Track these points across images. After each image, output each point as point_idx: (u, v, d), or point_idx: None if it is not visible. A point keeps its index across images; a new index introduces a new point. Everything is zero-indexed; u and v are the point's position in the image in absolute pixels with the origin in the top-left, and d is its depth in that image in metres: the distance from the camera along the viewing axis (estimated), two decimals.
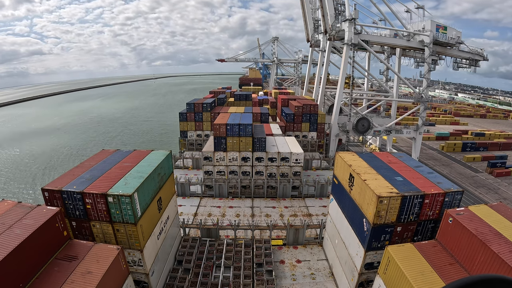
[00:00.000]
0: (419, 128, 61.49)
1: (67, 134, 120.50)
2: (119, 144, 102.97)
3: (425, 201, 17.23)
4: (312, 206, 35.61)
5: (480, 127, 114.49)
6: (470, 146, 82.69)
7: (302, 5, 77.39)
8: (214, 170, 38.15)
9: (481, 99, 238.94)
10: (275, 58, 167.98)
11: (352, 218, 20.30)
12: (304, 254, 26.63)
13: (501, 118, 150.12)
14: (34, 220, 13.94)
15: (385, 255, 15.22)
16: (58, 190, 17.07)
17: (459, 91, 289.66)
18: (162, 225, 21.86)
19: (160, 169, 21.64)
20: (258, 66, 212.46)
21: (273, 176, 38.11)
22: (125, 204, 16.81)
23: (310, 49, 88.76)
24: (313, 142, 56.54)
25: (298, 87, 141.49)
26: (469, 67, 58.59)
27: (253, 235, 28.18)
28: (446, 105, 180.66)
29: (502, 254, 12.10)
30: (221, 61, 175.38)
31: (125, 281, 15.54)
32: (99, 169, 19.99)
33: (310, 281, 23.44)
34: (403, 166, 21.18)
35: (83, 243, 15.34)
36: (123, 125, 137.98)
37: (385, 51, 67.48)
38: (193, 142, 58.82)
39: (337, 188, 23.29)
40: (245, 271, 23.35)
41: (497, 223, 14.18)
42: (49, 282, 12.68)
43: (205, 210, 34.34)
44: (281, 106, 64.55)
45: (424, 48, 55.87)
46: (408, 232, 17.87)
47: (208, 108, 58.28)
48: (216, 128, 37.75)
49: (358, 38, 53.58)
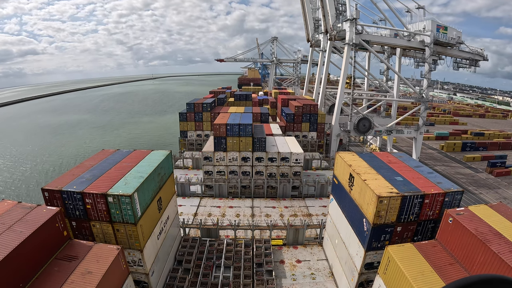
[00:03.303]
0: (420, 128, 61.50)
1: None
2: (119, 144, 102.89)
3: (425, 201, 17.24)
4: (312, 206, 35.60)
5: (479, 127, 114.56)
6: (469, 146, 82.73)
7: (303, 5, 77.33)
8: (214, 170, 38.14)
9: (479, 98, 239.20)
10: (274, 58, 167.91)
11: (352, 218, 20.30)
12: (304, 254, 26.63)
13: (500, 118, 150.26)
14: (34, 220, 13.93)
15: (385, 255, 15.22)
16: (58, 190, 17.07)
17: (458, 91, 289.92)
18: (162, 225, 21.85)
19: (160, 169, 21.63)
20: (257, 66, 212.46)
21: (273, 176, 38.10)
22: (125, 204, 16.81)
23: (310, 49, 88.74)
24: (313, 142, 56.56)
25: (297, 87, 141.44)
26: (469, 67, 58.62)
27: (253, 235, 28.19)
28: (445, 105, 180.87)
29: (502, 254, 12.10)
30: (220, 61, 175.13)
31: (125, 281, 15.52)
32: (99, 169, 19.98)
33: (310, 281, 23.44)
34: (403, 166, 21.18)
35: (83, 243, 15.32)
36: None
37: (385, 51, 67.51)
38: (193, 142, 58.81)
39: (337, 188, 23.29)
40: (245, 271, 23.36)
41: (497, 223, 14.17)
42: (49, 282, 12.67)
43: (205, 210, 34.32)
44: (281, 106, 64.57)
45: (425, 48, 55.88)
46: (408, 232, 17.88)
47: (208, 108, 58.26)
48: (216, 128, 37.73)
49: (359, 38, 53.55)
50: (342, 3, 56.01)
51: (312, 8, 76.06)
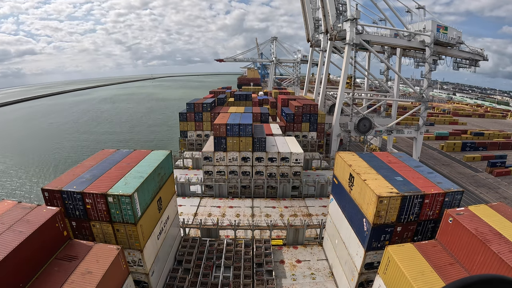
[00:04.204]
0: (420, 128, 61.48)
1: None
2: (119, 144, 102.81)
3: (425, 201, 17.24)
4: (312, 206, 35.60)
5: (479, 127, 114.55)
6: (469, 145, 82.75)
7: (303, 5, 77.23)
8: (214, 170, 38.13)
9: (479, 98, 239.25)
10: (274, 58, 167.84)
11: (352, 218, 20.30)
12: (304, 254, 26.63)
13: (500, 118, 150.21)
14: (34, 220, 13.93)
15: (385, 255, 15.22)
16: (58, 190, 17.07)
17: (457, 90, 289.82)
18: (162, 225, 21.85)
19: (160, 169, 21.63)
20: (256, 66, 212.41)
21: (273, 176, 38.10)
22: (125, 204, 16.81)
23: (310, 49, 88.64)
24: (313, 142, 56.56)
25: (296, 87, 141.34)
26: (469, 67, 58.63)
27: (253, 235, 28.19)
28: (445, 105, 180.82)
29: (502, 254, 12.11)
30: (220, 61, 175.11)
31: (125, 281, 15.52)
32: (99, 169, 19.98)
33: (310, 281, 23.44)
34: (403, 166, 21.18)
35: (83, 243, 15.32)
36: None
37: (385, 51, 67.48)
38: (193, 142, 58.80)
39: (337, 188, 23.29)
40: (245, 271, 23.36)
41: (497, 223, 14.18)
42: (49, 282, 12.67)
43: (205, 210, 34.32)
44: (281, 106, 64.57)
45: (425, 48, 55.86)
46: (408, 232, 17.88)
47: (208, 108, 58.26)
48: (216, 128, 37.73)
49: (360, 38, 53.53)
50: (343, 3, 55.94)
51: (312, 8, 76.00)
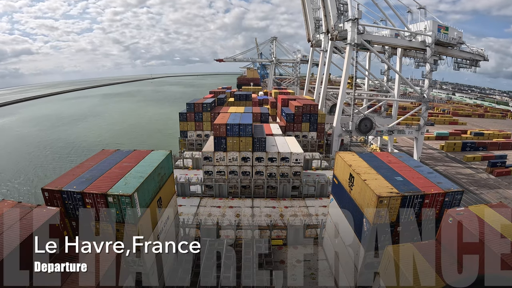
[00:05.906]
0: (421, 128, 61.48)
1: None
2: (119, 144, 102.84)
3: (425, 201, 17.25)
4: (312, 206, 35.57)
5: (479, 127, 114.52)
6: (469, 145, 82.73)
7: (303, 4, 77.31)
8: (214, 170, 38.13)
9: (478, 98, 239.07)
10: (274, 58, 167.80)
11: (352, 218, 20.28)
12: (304, 254, 26.63)
13: (499, 118, 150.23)
14: (34, 220, 13.94)
15: (385, 255, 15.22)
16: (58, 190, 17.06)
17: (456, 90, 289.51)
18: (162, 225, 21.85)
19: (160, 169, 21.63)
20: (256, 66, 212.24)
21: (273, 176, 38.10)
22: (125, 204, 16.80)
23: (310, 49, 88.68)
24: (313, 142, 56.53)
25: (296, 87, 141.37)
26: (470, 67, 58.67)
27: (253, 235, 28.18)
28: (445, 105, 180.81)
29: (502, 254, 12.09)
30: (219, 61, 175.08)
31: (125, 281, 15.53)
32: (99, 169, 19.98)
33: (310, 281, 23.45)
34: (403, 166, 21.18)
35: (83, 243, 15.31)
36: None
37: (386, 51, 67.49)
38: (193, 142, 58.84)
39: (337, 188, 23.30)
40: (245, 271, 23.35)
41: (497, 223, 14.16)
42: (49, 282, 12.67)
43: (205, 210, 34.31)
44: (281, 106, 64.52)
45: (426, 48, 55.87)
46: (408, 232, 17.84)
47: (208, 108, 58.27)
48: (216, 128, 37.73)
49: (361, 38, 53.54)
50: (344, 3, 55.98)
51: (312, 8, 76.05)
